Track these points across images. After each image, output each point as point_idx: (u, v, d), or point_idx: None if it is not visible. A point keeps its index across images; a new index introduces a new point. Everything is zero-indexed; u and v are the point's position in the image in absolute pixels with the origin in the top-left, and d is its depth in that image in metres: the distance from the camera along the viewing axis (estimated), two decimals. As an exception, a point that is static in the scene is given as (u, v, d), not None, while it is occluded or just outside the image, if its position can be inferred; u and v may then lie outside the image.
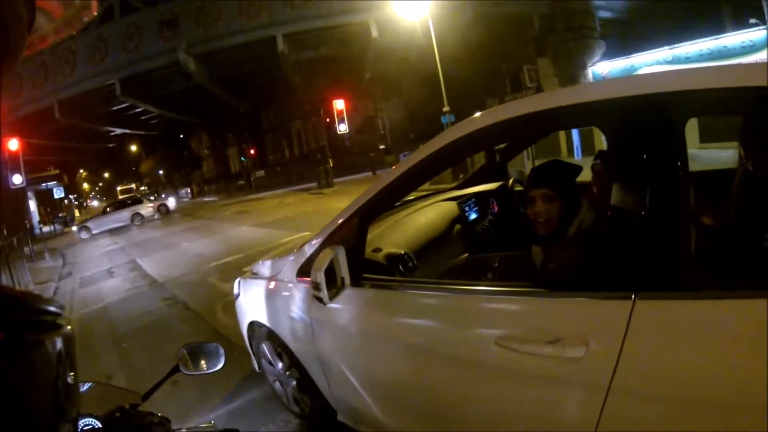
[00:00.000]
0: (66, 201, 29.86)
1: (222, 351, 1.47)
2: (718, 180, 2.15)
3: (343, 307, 2.06)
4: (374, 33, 25.60)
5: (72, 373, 0.63)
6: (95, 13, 0.72)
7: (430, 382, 1.83)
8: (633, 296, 1.25)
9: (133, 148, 59.78)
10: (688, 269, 1.28)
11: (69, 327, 0.62)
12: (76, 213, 33.66)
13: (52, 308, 0.56)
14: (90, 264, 11.68)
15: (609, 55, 20.92)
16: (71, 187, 42.77)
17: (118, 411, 0.93)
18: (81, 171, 65.47)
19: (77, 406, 0.71)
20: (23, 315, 0.51)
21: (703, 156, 10.52)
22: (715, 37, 16.49)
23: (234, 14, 26.75)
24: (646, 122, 1.39)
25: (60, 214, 27.38)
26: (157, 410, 1.03)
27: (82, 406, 0.81)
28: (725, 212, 1.99)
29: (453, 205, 3.36)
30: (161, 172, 65.61)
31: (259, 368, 3.17)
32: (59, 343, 0.57)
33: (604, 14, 23.76)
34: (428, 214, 3.23)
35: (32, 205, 27.27)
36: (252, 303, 2.92)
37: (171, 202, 27.94)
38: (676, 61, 17.24)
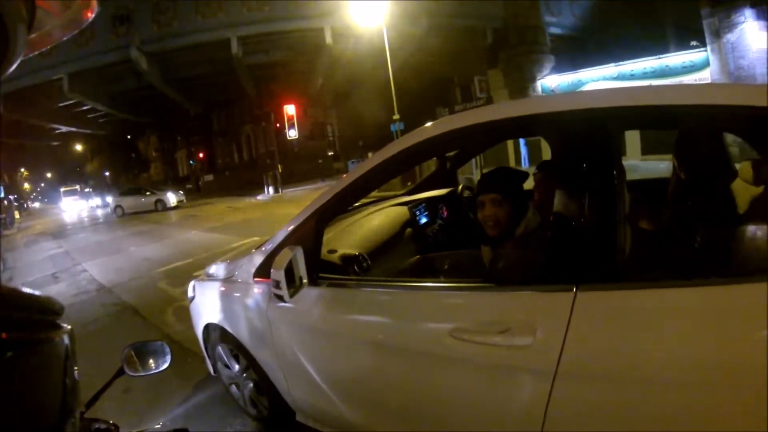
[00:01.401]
0: (6, 202, 28.17)
1: (168, 349, 1.44)
2: (656, 187, 2.33)
3: (302, 305, 2.09)
4: (328, 39, 25.57)
5: (75, 370, 0.65)
6: (94, 13, 0.74)
7: (387, 376, 1.89)
8: (574, 288, 1.37)
9: (79, 147, 57.22)
10: (624, 266, 1.40)
11: (69, 326, 0.64)
12: (16, 215, 31.88)
13: (54, 308, 0.59)
14: (32, 269, 11.11)
15: (558, 69, 21.71)
16: (11, 187, 40.53)
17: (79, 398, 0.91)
18: (22, 170, 62.28)
19: (80, 402, 0.73)
20: (27, 314, 0.54)
21: (644, 167, 11.06)
22: (658, 56, 17.40)
23: (190, 13, 26.15)
24: (586, 134, 1.52)
25: (-1, 215, 25.87)
26: (109, 419, 1.01)
27: None
28: (661, 216, 2.16)
29: (404, 209, 3.47)
30: (108, 173, 63.14)
31: (215, 372, 3.13)
32: (62, 341, 0.59)
33: (554, 30, 24.63)
34: (381, 217, 3.31)
35: (-33, 205, 25.72)
36: (207, 305, 2.89)
37: (170, 198, 25.77)
38: (621, 77, 18.06)
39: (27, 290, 0.54)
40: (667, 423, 1.23)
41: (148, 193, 26.59)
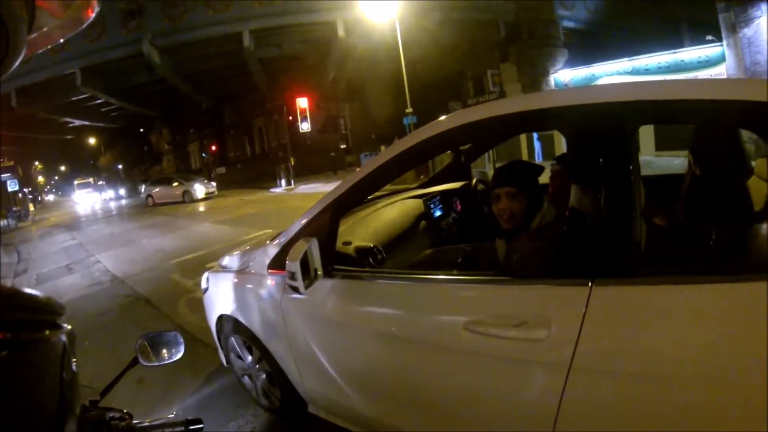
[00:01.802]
0: (20, 194, 28.45)
1: (181, 339, 1.45)
2: (671, 183, 2.31)
3: (316, 297, 2.11)
4: (341, 32, 25.50)
5: (74, 370, 0.66)
6: (95, 13, 0.74)
7: (400, 369, 1.90)
8: (590, 283, 1.36)
9: (92, 141, 57.66)
10: (639, 261, 1.39)
11: (69, 326, 0.64)
12: (31, 207, 32.25)
13: (54, 308, 0.59)
14: (47, 260, 11.24)
15: (571, 63, 21.50)
16: (26, 180, 40.95)
17: (80, 395, 0.89)
18: (36, 163, 62.92)
19: (80, 402, 0.73)
20: (27, 315, 0.54)
21: (658, 162, 10.97)
22: (673, 51, 17.17)
23: (202, 7, 26.21)
24: (603, 128, 1.50)
25: (14, 208, 26.09)
26: (123, 408, 1.02)
27: None
28: (676, 212, 2.15)
29: (419, 202, 3.47)
30: (120, 166, 63.64)
31: (227, 363, 3.17)
32: (62, 342, 0.59)
33: (568, 24, 24.39)
34: (395, 210, 3.31)
35: (-17, 198, 26.00)
36: (221, 296, 2.91)
37: (198, 189, 24.00)
38: (635, 72, 17.85)
39: (27, 290, 0.54)
40: (682, 420, 1.23)
41: (175, 183, 25.03)
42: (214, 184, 25.85)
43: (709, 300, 1.23)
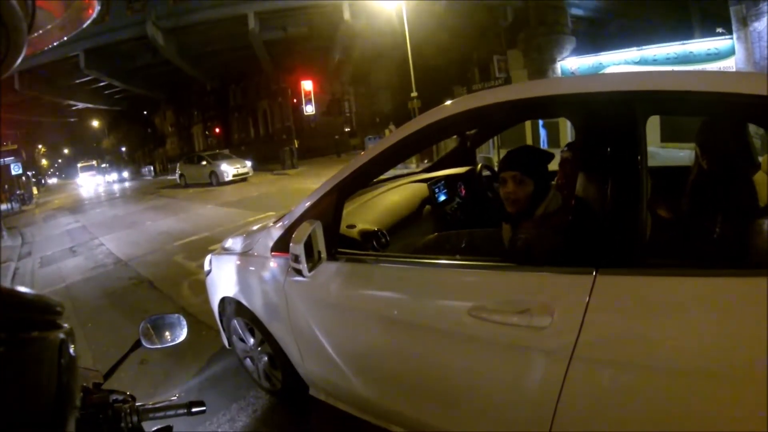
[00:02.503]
0: (24, 178, 28.50)
1: (184, 322, 1.46)
2: (676, 176, 2.29)
3: (319, 280, 2.10)
4: (346, 15, 25.28)
5: (74, 370, 0.65)
6: (95, 13, 0.73)
7: (403, 353, 1.91)
8: (594, 272, 1.36)
9: (95, 123, 57.70)
10: (643, 252, 1.39)
11: (69, 326, 0.64)
12: (35, 190, 32.36)
13: (53, 307, 0.59)
14: (50, 243, 11.30)
15: (579, 51, 21.29)
16: (29, 163, 41.04)
17: (80, 391, 0.89)
18: (40, 146, 63.01)
19: (79, 402, 0.73)
20: (26, 314, 0.53)
21: (664, 154, 10.91)
22: (682, 42, 16.95)
23: (207, -12, 26.03)
24: (611, 118, 1.49)
25: (17, 191, 26.16)
26: (125, 389, 1.02)
27: None
28: (681, 205, 2.14)
29: (423, 186, 3.45)
30: (124, 149, 63.71)
31: (229, 345, 3.18)
32: (59, 341, 0.59)
33: (576, 11, 24.07)
34: (400, 194, 3.30)
35: (-13, 181, 26.06)
36: (224, 279, 2.92)
37: (226, 170, 20.34)
38: (643, 62, 17.66)
39: (26, 290, 0.53)
40: (682, 411, 1.23)
41: (204, 162, 21.53)
42: (248, 163, 21.85)
43: (712, 293, 1.23)
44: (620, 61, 18.38)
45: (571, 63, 20.85)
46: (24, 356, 0.50)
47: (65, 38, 0.72)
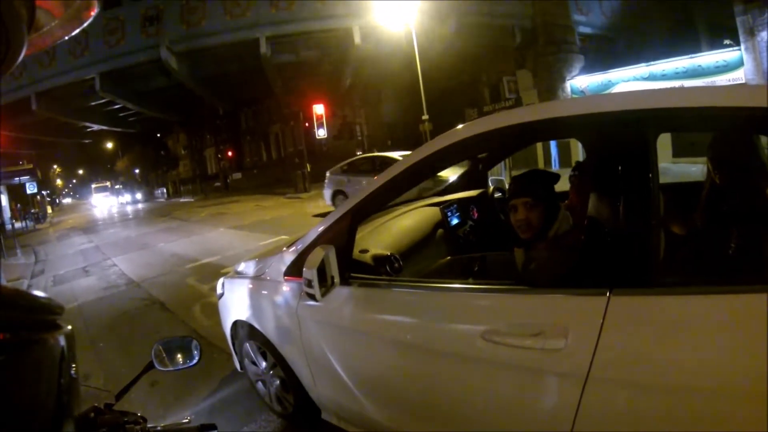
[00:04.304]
0: (38, 197, 28.91)
1: (197, 345, 1.45)
2: (689, 191, 2.28)
3: (332, 304, 2.10)
4: (357, 39, 25.56)
5: (74, 372, 0.66)
6: (95, 13, 0.74)
7: (416, 378, 1.89)
8: (608, 293, 1.35)
9: (110, 145, 58.46)
10: (657, 271, 1.38)
11: (69, 326, 0.64)
12: (49, 210, 32.78)
13: (53, 308, 0.59)
14: (64, 262, 11.42)
15: (588, 69, 21.34)
16: (44, 183, 41.60)
17: (92, 411, 0.90)
18: (55, 167, 63.97)
19: (79, 404, 0.73)
20: (25, 315, 0.53)
21: (676, 169, 10.84)
22: (690, 56, 16.93)
23: (219, 13, 26.44)
24: (621, 137, 1.49)
25: (32, 210, 26.53)
26: (136, 411, 1.02)
27: None
28: (694, 221, 2.12)
29: (436, 210, 3.46)
30: (137, 170, 64.47)
31: (241, 368, 3.17)
32: (61, 342, 0.59)
33: (584, 30, 24.23)
34: (412, 218, 3.31)
35: (3, 199, 26.42)
36: (236, 302, 2.93)
37: None
38: (652, 77, 17.65)
39: (26, 290, 0.54)
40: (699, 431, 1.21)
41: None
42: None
43: (728, 310, 1.21)
44: (629, 78, 18.40)
45: (580, 81, 20.89)
46: (26, 357, 0.51)
47: (65, 38, 0.72)
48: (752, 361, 1.14)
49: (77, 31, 0.72)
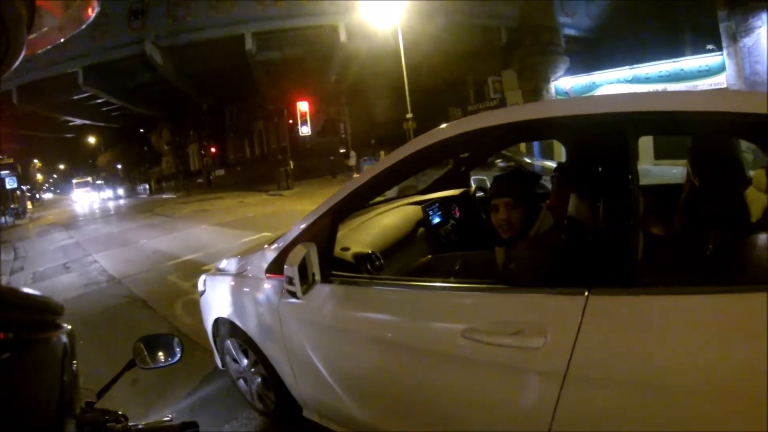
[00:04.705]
0: (18, 192, 28.41)
1: (178, 342, 1.45)
2: (669, 193, 2.32)
3: (314, 302, 2.10)
4: (342, 37, 25.49)
5: (74, 370, 0.65)
6: (95, 13, 0.74)
7: (397, 375, 1.90)
8: (586, 292, 1.37)
9: (92, 140, 57.67)
10: (636, 271, 1.40)
11: (69, 326, 0.64)
12: (29, 205, 32.23)
13: (54, 308, 0.59)
14: (44, 258, 11.23)
15: (572, 70, 21.53)
16: (25, 178, 40.91)
17: (80, 392, 0.88)
18: (36, 161, 62.94)
19: (80, 401, 0.73)
20: (26, 315, 0.53)
21: (657, 171, 11.00)
22: (673, 59, 17.17)
23: (205, 8, 26.18)
24: (602, 139, 1.51)
25: (12, 206, 26.04)
26: (116, 409, 1.01)
27: None
28: (673, 222, 2.16)
29: (417, 208, 3.47)
30: (119, 166, 63.68)
31: (223, 366, 3.16)
32: (61, 342, 0.59)
33: (569, 32, 24.41)
34: (394, 216, 3.32)
35: (-19, 194, 25.95)
36: (217, 299, 2.91)
37: None
38: (635, 80, 17.87)
39: (26, 290, 0.54)
40: (675, 428, 1.23)
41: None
42: None
43: (705, 310, 1.23)
44: (613, 80, 18.61)
45: (565, 82, 21.06)
46: (27, 357, 0.51)
47: (62, 39, 0.72)
48: (728, 359, 1.17)
49: (77, 31, 0.72)
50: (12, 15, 0.50)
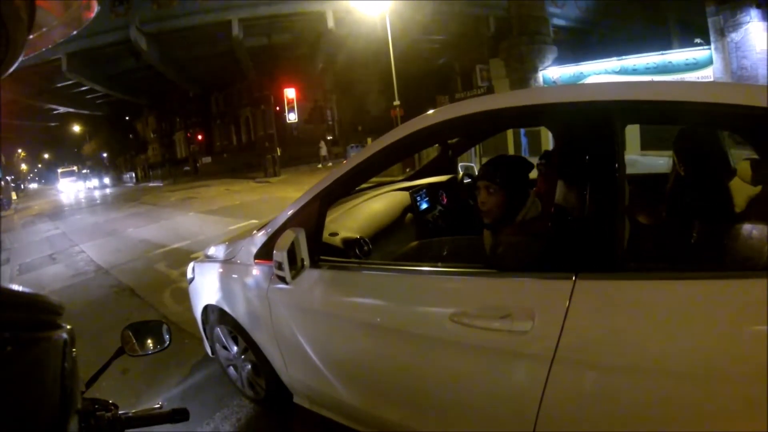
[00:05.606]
0: (2, 182, 27.99)
1: (167, 329, 1.44)
2: (655, 183, 2.36)
3: (302, 287, 2.11)
4: (330, 24, 25.29)
5: (75, 371, 0.66)
6: (95, 13, 0.73)
7: (386, 360, 1.92)
8: (574, 277, 1.38)
9: (77, 128, 56.74)
10: (622, 257, 1.42)
11: (69, 326, 0.64)
12: (13, 196, 31.75)
13: (54, 307, 0.59)
14: (30, 249, 11.06)
15: (560, 60, 21.59)
16: (8, 168, 40.31)
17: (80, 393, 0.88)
18: (19, 151, 61.97)
19: (80, 400, 0.73)
20: (26, 315, 0.53)
21: (643, 161, 11.10)
22: (661, 52, 17.31)
23: (191, -7, 25.86)
24: (589, 127, 1.53)
25: (-5, 196, 25.64)
26: (106, 398, 1.00)
27: None
28: (659, 211, 2.20)
29: (405, 194, 3.49)
30: (105, 155, 62.85)
31: (212, 353, 3.15)
32: (62, 341, 0.59)
33: (558, 21, 24.46)
34: (382, 202, 3.32)
35: (-37, 185, 25.50)
36: (206, 286, 2.90)
37: None
38: (623, 72, 17.97)
39: (26, 290, 0.54)
40: (662, 413, 1.26)
41: None
42: None
43: (689, 296, 1.26)
44: (601, 71, 18.70)
45: (552, 72, 21.13)
46: (27, 357, 0.51)
47: (64, 39, 0.72)
48: (713, 342, 1.20)
49: (77, 31, 0.72)
50: (12, 15, 0.50)
